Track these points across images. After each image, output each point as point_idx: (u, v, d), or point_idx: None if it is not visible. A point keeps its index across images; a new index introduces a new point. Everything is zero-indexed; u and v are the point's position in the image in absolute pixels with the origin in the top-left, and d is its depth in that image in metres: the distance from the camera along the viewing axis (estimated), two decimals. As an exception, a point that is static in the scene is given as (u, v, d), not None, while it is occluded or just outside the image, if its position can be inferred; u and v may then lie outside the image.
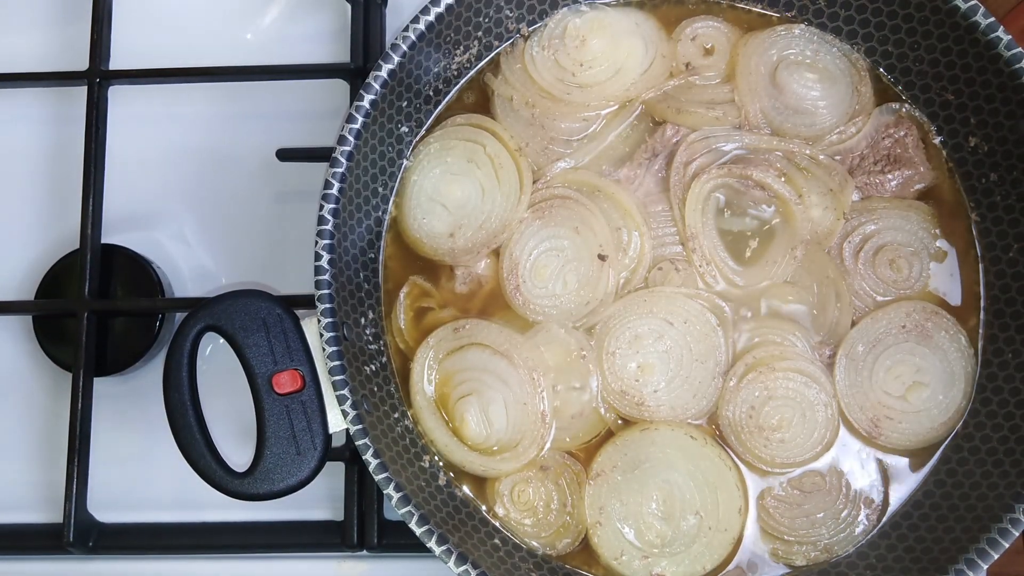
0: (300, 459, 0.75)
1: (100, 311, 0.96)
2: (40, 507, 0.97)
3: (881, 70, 0.89)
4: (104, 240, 0.99)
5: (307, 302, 0.78)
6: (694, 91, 0.88)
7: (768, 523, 0.81)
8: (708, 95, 0.88)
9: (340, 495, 0.93)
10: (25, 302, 0.99)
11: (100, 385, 0.96)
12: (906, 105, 0.88)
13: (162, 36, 1.06)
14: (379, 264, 0.87)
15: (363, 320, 0.83)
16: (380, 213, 0.87)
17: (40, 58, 1.07)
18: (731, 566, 0.81)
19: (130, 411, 0.99)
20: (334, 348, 0.76)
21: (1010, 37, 0.79)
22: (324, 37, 1.05)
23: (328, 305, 0.77)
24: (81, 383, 0.93)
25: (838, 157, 0.87)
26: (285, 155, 0.97)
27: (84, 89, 1.00)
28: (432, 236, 0.86)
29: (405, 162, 0.89)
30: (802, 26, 0.89)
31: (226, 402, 0.86)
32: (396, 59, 0.82)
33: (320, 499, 0.95)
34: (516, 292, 0.85)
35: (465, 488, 0.84)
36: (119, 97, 1.02)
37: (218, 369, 0.96)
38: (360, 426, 0.76)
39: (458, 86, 0.91)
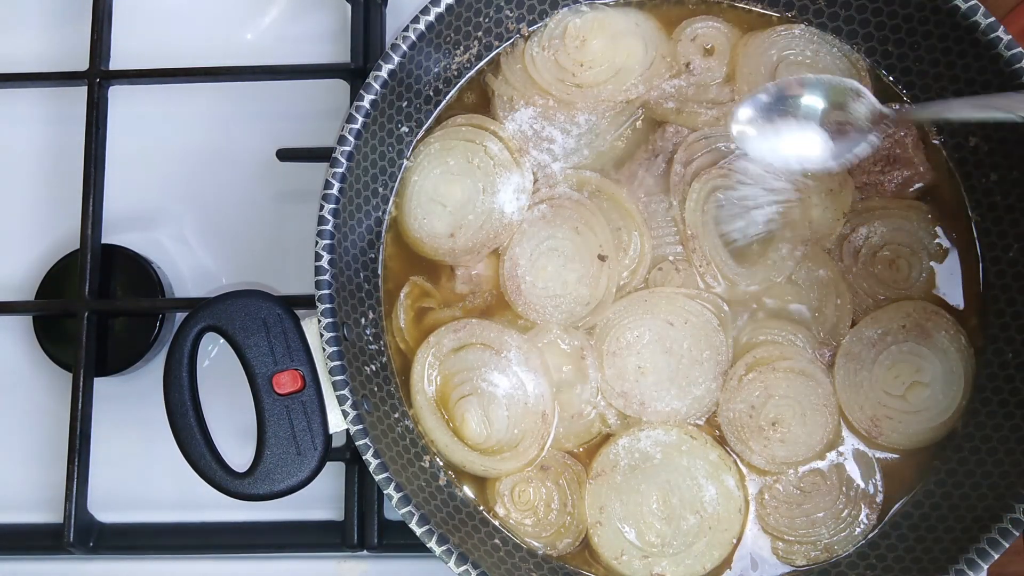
0: (300, 459, 0.75)
1: (100, 311, 0.96)
2: (40, 507, 0.97)
3: (881, 70, 0.89)
4: (104, 240, 0.99)
5: (307, 302, 0.78)
6: (694, 91, 0.88)
7: (768, 522, 0.81)
8: (708, 95, 0.88)
9: (340, 495, 0.93)
10: (25, 302, 0.99)
11: (100, 385, 0.96)
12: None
13: (162, 36, 1.06)
14: (379, 264, 0.87)
15: (363, 320, 0.83)
16: (380, 213, 0.87)
17: (40, 58, 1.06)
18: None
19: (130, 411, 0.98)
20: (334, 348, 0.76)
21: (1010, 37, 0.79)
22: (324, 37, 1.05)
23: (328, 305, 0.77)
24: (81, 383, 0.93)
25: (838, 157, 0.87)
26: (285, 155, 0.97)
27: (84, 89, 1.00)
28: (432, 236, 0.86)
29: (405, 162, 0.89)
30: (802, 26, 0.89)
31: (226, 402, 0.86)
32: (396, 59, 0.81)
33: (320, 499, 0.95)
34: (516, 292, 0.85)
35: (465, 488, 0.84)
36: (119, 97, 1.02)
37: (218, 369, 0.96)
38: (360, 426, 0.76)
39: (458, 86, 0.91)
